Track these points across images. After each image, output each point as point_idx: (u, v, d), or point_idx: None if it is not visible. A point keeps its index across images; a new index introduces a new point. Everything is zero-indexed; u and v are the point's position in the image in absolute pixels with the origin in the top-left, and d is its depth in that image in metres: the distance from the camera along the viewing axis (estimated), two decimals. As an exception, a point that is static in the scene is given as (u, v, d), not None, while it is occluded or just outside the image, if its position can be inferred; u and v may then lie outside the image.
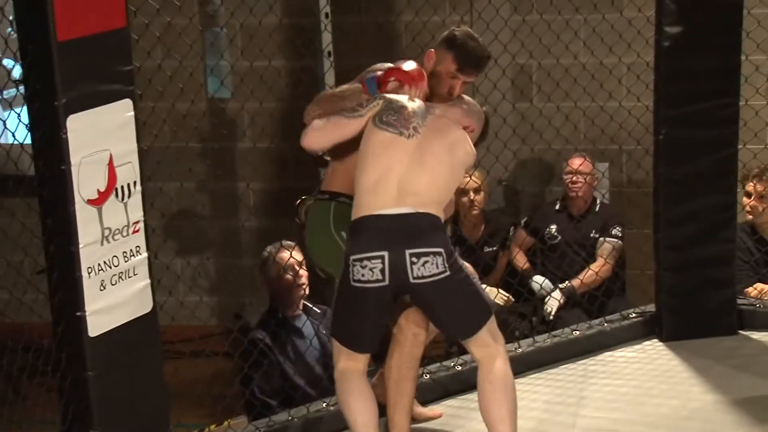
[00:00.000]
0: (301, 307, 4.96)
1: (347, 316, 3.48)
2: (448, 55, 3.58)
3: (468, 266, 3.64)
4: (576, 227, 5.60)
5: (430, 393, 4.10)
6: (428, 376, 4.07)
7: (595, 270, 5.35)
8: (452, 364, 4.26)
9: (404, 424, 3.62)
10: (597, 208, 5.73)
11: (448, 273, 3.39)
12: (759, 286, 4.92)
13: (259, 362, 4.63)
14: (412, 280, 3.38)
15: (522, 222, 5.87)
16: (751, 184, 5.15)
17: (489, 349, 3.48)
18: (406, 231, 3.39)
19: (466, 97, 3.66)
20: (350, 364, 3.50)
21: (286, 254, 4.94)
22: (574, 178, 5.62)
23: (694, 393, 4.10)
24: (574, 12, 5.22)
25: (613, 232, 5.59)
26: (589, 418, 3.92)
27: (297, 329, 4.88)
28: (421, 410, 3.99)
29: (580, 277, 5.45)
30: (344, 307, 3.48)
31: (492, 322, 3.50)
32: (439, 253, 3.38)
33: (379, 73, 3.56)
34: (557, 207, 5.78)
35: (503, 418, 3.44)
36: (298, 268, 4.94)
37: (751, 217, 5.20)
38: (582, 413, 3.94)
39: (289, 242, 5.06)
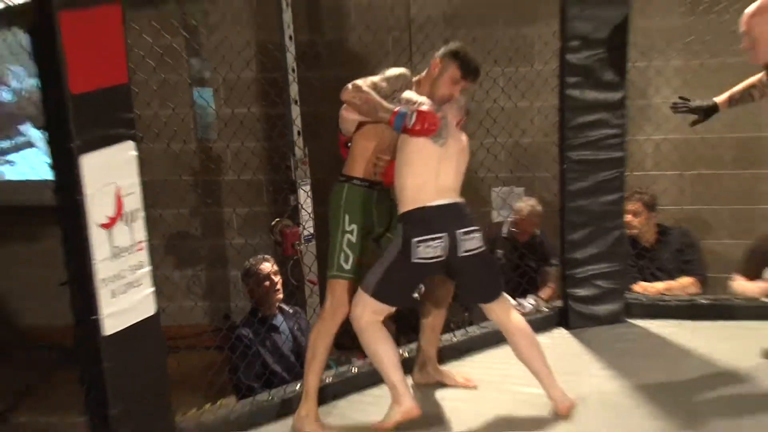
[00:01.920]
0: (277, 308, 4.98)
1: (399, 283, 3.53)
2: (452, 64, 3.58)
3: None
4: (520, 255, 5.53)
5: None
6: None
7: (551, 291, 5.48)
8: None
9: (314, 383, 3.70)
10: (537, 240, 5.68)
11: (483, 247, 3.58)
12: (642, 284, 4.99)
13: (244, 353, 4.64)
14: (459, 254, 3.52)
15: None
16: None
17: (505, 306, 3.69)
18: (455, 216, 3.53)
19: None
20: (376, 318, 3.55)
21: (264, 265, 4.96)
22: (523, 227, 5.59)
23: (593, 369, 4.15)
24: (493, 64, 5.28)
25: (552, 262, 5.58)
26: (512, 392, 3.94)
27: (274, 326, 4.89)
28: (452, 375, 4.01)
29: (541, 295, 5.46)
30: (398, 276, 3.52)
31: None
32: (479, 230, 3.57)
33: (410, 112, 3.45)
34: (504, 234, 5.71)
35: (535, 354, 3.69)
36: (274, 277, 4.96)
37: (628, 230, 5.23)
38: (505, 388, 3.97)
39: (266, 256, 5.08)
